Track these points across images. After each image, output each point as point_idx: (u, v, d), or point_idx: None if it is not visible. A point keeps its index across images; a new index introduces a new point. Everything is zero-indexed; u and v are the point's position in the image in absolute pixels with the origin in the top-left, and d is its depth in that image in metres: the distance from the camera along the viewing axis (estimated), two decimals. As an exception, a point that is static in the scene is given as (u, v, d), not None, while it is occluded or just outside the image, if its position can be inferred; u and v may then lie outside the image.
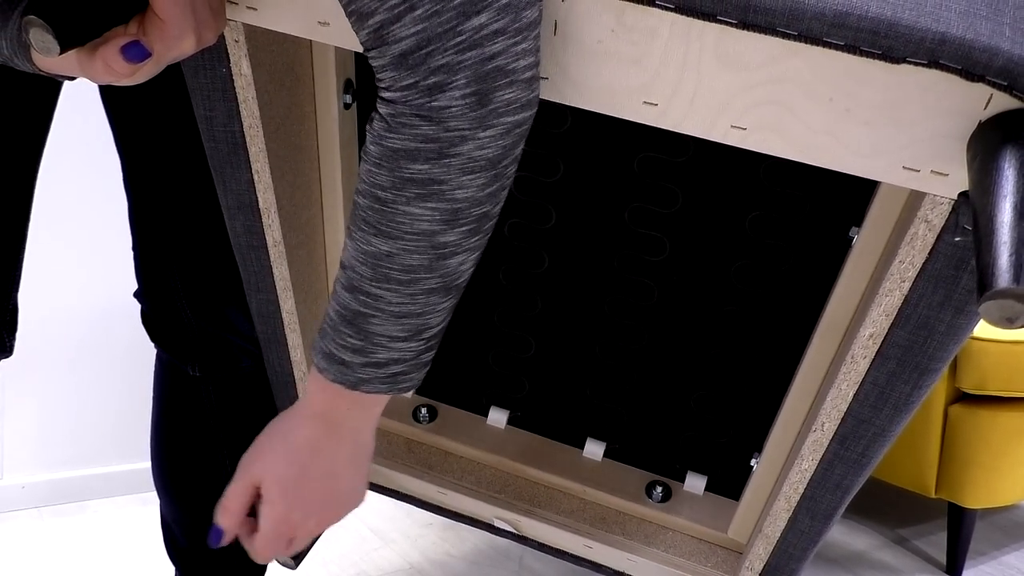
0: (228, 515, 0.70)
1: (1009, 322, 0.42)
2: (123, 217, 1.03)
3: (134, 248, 1.03)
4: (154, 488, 1.14)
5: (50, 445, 1.61)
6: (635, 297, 0.89)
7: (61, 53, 0.53)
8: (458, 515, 1.05)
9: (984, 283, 0.41)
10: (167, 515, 1.14)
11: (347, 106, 0.83)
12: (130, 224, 1.02)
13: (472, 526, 1.05)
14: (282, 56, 0.73)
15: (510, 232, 0.89)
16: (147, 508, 1.62)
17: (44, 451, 1.61)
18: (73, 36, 0.53)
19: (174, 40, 0.56)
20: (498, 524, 1.02)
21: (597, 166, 0.83)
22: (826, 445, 0.73)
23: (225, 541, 0.71)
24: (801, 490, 0.78)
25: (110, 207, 1.53)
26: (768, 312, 0.84)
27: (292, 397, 0.97)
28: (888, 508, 2.01)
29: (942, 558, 1.83)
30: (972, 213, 0.46)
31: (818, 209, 0.77)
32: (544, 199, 0.86)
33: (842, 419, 0.70)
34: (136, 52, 0.54)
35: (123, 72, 0.55)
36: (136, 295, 1.06)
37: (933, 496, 1.73)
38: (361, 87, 0.85)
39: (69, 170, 1.49)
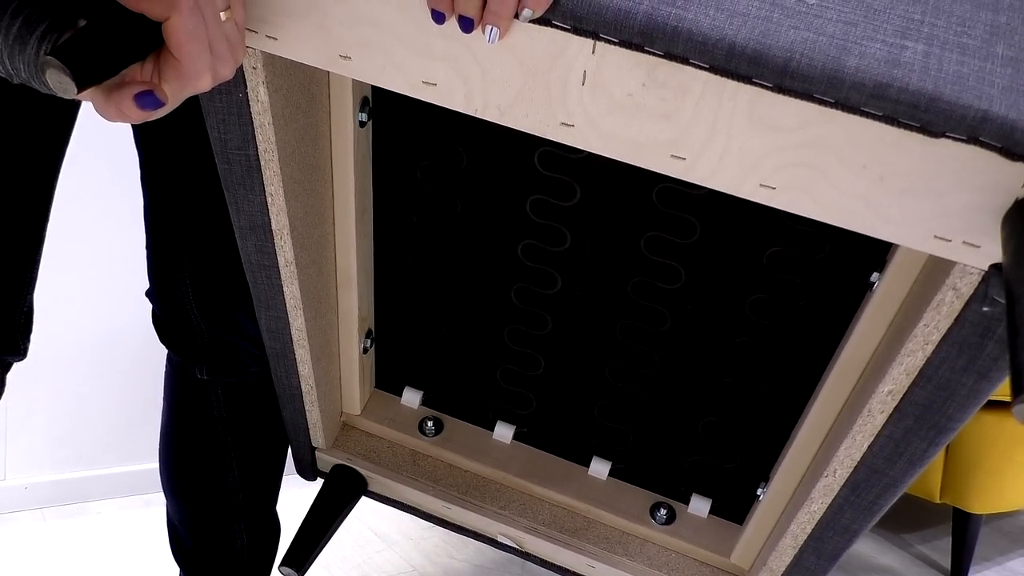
0: None
1: (1043, 424, 0.41)
2: (134, 219, 1.01)
3: (147, 247, 1.02)
4: (157, 489, 1.14)
5: (53, 446, 1.60)
6: (647, 323, 0.88)
7: (78, 93, 0.51)
8: (462, 529, 1.05)
9: (1020, 385, 0.40)
10: (173, 516, 1.15)
11: (362, 124, 0.81)
12: (145, 223, 1.01)
13: (476, 540, 1.05)
14: (299, 78, 0.72)
15: (523, 253, 0.88)
16: (150, 509, 1.62)
17: (47, 452, 1.60)
18: (89, 76, 0.51)
19: (190, 79, 0.54)
20: (501, 540, 1.02)
21: (615, 193, 0.81)
22: (837, 491, 0.73)
23: None
24: (809, 530, 0.78)
25: (122, 208, 1.52)
26: (782, 346, 0.83)
27: (299, 410, 0.97)
28: (892, 513, 2.00)
29: (947, 564, 1.82)
30: (1007, 298, 0.45)
31: (839, 251, 0.76)
32: (560, 222, 0.85)
33: (855, 467, 0.70)
34: (149, 101, 0.53)
35: (136, 118, 0.53)
36: (147, 294, 1.05)
37: (938, 501, 1.72)
38: (377, 105, 0.83)
39: (83, 171, 1.47)
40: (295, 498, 1.34)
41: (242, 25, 0.58)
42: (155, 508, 1.61)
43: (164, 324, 1.04)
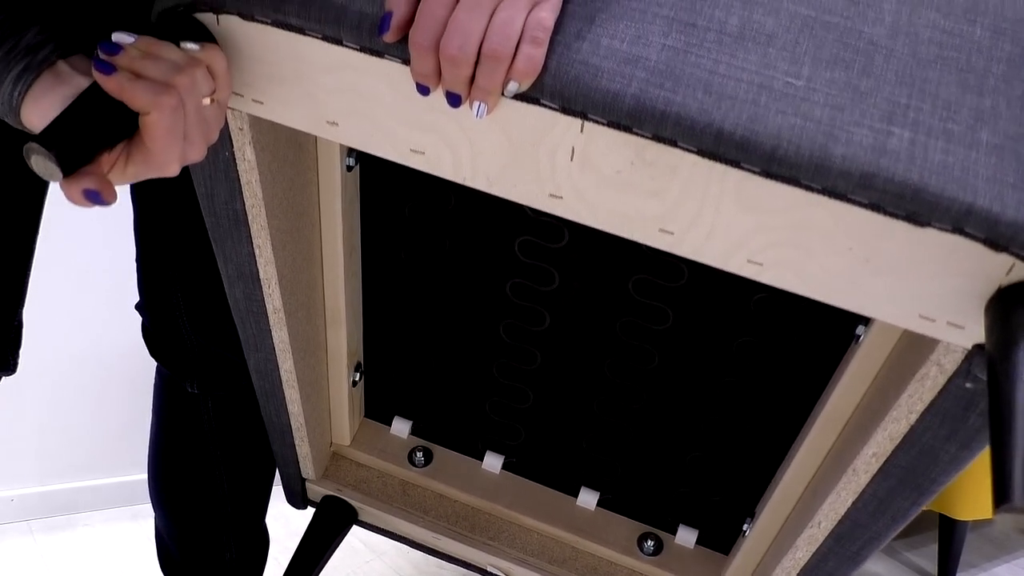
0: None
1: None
2: (124, 231, 1.00)
3: (137, 260, 1.02)
4: (145, 501, 1.13)
5: (40, 458, 1.60)
6: (636, 361, 0.88)
7: (64, 178, 0.51)
8: (452, 559, 1.05)
9: (1002, 493, 0.41)
10: (162, 529, 1.15)
11: (350, 168, 0.81)
12: (135, 236, 1.00)
13: (465, 569, 1.06)
14: (285, 131, 0.71)
15: (512, 291, 0.88)
16: (138, 521, 1.62)
17: (34, 464, 1.60)
18: (74, 162, 0.51)
19: (158, 166, 0.54)
20: (491, 570, 1.03)
21: (603, 234, 0.81)
22: (821, 540, 0.74)
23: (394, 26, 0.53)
24: (794, 575, 0.79)
25: (112, 221, 1.51)
26: (768, 388, 0.84)
27: (289, 444, 0.97)
28: (876, 518, 2.02)
29: (933, 570, 1.83)
30: (990, 396, 0.45)
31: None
32: (548, 263, 0.85)
33: (839, 520, 0.71)
34: (95, 198, 0.52)
35: (84, 206, 0.53)
36: (137, 308, 1.04)
37: (924, 508, 1.73)
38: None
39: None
40: (284, 512, 1.34)
41: (224, 105, 0.57)
42: (143, 520, 1.62)
43: (155, 337, 1.04)
